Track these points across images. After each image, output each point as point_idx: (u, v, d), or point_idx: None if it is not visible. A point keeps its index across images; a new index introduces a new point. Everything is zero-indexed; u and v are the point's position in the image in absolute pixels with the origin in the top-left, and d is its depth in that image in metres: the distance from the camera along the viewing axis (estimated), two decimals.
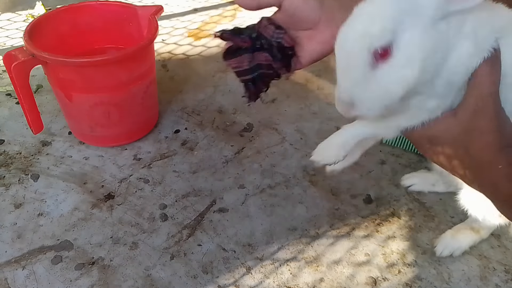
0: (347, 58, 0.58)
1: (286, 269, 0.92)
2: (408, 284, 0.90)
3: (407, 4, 0.56)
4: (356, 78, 0.57)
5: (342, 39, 0.59)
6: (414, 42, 0.56)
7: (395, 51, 0.55)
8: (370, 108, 0.58)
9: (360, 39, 0.56)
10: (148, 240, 0.97)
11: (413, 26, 0.56)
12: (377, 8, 0.57)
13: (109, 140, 1.20)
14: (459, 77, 0.60)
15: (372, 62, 0.55)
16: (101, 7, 1.24)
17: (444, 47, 0.57)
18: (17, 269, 0.91)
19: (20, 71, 0.98)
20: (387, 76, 0.56)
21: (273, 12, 0.66)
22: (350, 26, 0.58)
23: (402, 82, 0.57)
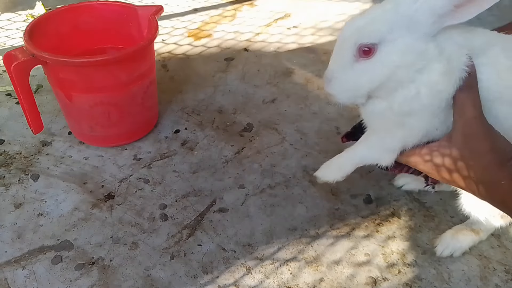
0: (341, 44, 0.66)
1: (286, 269, 0.92)
2: (408, 284, 0.90)
3: (406, 17, 0.61)
4: (339, 63, 0.66)
5: (345, 26, 0.67)
6: (395, 51, 0.62)
7: (377, 52, 0.63)
8: (340, 92, 0.68)
9: (354, 32, 0.64)
10: (148, 240, 0.97)
11: (402, 37, 0.62)
12: (381, 12, 0.63)
13: (109, 140, 1.20)
14: (430, 97, 0.64)
15: (356, 55, 0.64)
16: (101, 7, 1.24)
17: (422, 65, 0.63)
18: (17, 269, 0.91)
19: (20, 71, 0.98)
20: (361, 71, 0.64)
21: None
22: (357, 18, 0.66)
23: (368, 83, 0.65)
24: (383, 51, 0.63)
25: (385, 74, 0.63)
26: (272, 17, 1.90)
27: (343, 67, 0.66)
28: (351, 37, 0.64)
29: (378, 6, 0.65)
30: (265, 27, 1.82)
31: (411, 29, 0.62)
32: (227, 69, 1.55)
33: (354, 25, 0.65)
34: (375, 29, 0.62)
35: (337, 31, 1.79)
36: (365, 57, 0.63)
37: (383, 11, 0.63)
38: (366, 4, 2.00)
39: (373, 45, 0.62)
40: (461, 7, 0.59)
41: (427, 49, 0.62)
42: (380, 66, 0.63)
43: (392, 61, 0.63)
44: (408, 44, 0.62)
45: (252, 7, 1.97)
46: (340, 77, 0.66)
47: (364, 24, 0.63)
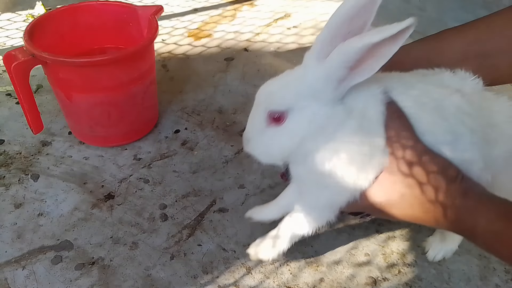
0: (255, 106, 0.67)
1: (286, 269, 0.92)
2: (408, 284, 0.90)
3: (311, 86, 0.62)
4: (254, 126, 0.67)
5: (261, 88, 0.68)
6: (303, 120, 0.63)
7: (287, 121, 0.64)
8: (257, 154, 0.69)
9: (265, 98, 0.65)
10: (148, 240, 0.97)
11: (309, 105, 0.63)
12: (291, 79, 0.64)
13: (109, 140, 1.20)
14: (348, 154, 0.65)
15: (267, 121, 0.65)
16: (101, 7, 1.24)
17: (334, 128, 0.63)
18: (17, 269, 0.91)
19: (20, 71, 0.98)
20: (272, 138, 0.66)
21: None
22: (271, 81, 0.67)
23: (279, 150, 0.66)
24: (292, 119, 0.64)
25: (295, 142, 0.64)
26: (272, 17, 1.90)
27: (257, 130, 0.67)
28: (263, 102, 0.65)
29: (290, 72, 0.66)
30: (265, 27, 1.82)
31: (316, 97, 0.62)
32: (227, 69, 1.55)
33: (267, 89, 0.66)
34: (283, 97, 0.63)
35: None
36: (276, 124, 0.64)
37: (293, 78, 0.64)
38: None
39: (282, 113, 0.63)
40: (358, 67, 0.59)
41: (335, 113, 0.63)
42: (289, 135, 0.64)
43: (301, 129, 0.63)
44: (316, 112, 0.63)
45: (252, 7, 1.98)
46: (255, 140, 0.68)
47: (275, 90, 0.64)
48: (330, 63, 0.59)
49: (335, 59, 0.59)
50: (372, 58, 0.58)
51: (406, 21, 0.54)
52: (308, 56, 0.64)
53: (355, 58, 0.57)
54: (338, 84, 0.61)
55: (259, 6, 1.99)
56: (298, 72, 0.64)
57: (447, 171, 0.63)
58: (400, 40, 0.56)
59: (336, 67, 0.59)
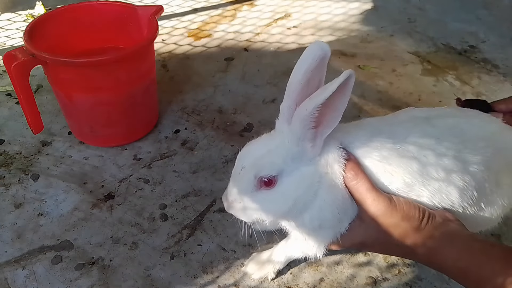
0: (239, 171, 0.68)
1: (286, 269, 0.92)
2: (408, 284, 0.90)
3: (292, 149, 0.65)
4: (240, 189, 0.67)
5: (243, 153, 0.69)
6: (294, 181, 0.66)
7: (278, 185, 0.66)
8: (243, 216, 0.70)
9: (252, 164, 0.66)
10: (148, 240, 0.97)
11: (297, 167, 0.65)
12: (276, 144, 0.66)
13: (109, 140, 1.20)
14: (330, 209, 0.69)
15: (256, 185, 0.66)
16: (101, 7, 1.24)
17: (317, 185, 0.67)
18: (17, 269, 0.91)
19: (20, 71, 0.98)
20: (264, 201, 0.67)
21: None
22: (253, 146, 0.69)
23: (273, 212, 0.68)
24: (283, 182, 0.66)
25: (288, 204, 0.67)
26: (272, 17, 1.90)
27: (245, 193, 0.68)
28: (250, 169, 0.66)
29: (269, 137, 0.69)
30: (265, 27, 1.82)
31: (299, 159, 0.66)
32: (227, 69, 1.55)
33: (252, 155, 0.67)
34: (273, 162, 0.65)
35: (337, 31, 1.79)
36: (267, 188, 0.66)
37: (275, 144, 0.66)
38: (366, 4, 2.00)
39: (273, 177, 0.65)
40: (321, 124, 0.63)
41: (316, 169, 0.66)
42: (282, 197, 0.67)
43: (293, 191, 0.66)
44: (303, 173, 0.66)
45: (252, 7, 1.97)
46: (241, 202, 0.68)
47: (262, 156, 0.66)
48: (295, 128, 0.63)
49: (297, 124, 0.63)
50: (330, 111, 0.61)
51: (344, 73, 0.57)
52: (279, 122, 0.67)
53: (312, 119, 0.61)
54: (312, 143, 0.64)
55: (259, 6, 1.99)
56: (277, 138, 0.67)
57: (411, 217, 0.67)
58: (347, 89, 0.59)
59: (300, 130, 0.63)
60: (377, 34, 1.78)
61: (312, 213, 0.69)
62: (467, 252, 0.63)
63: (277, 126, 0.68)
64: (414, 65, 1.59)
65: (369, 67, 1.57)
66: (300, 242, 0.80)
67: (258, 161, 0.66)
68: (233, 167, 1.12)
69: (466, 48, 1.70)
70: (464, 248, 0.63)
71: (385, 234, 0.69)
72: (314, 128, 0.63)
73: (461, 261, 0.63)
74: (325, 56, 0.62)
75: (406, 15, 1.93)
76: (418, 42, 1.73)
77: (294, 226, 0.73)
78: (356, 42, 1.72)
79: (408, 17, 1.91)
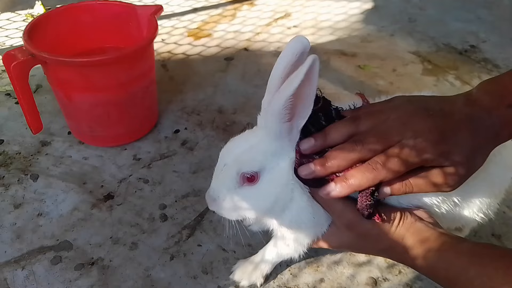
0: (222, 167, 0.68)
1: (286, 269, 0.92)
2: (408, 285, 0.90)
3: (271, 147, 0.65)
4: (223, 186, 0.67)
5: (225, 150, 0.70)
6: (276, 177, 0.65)
7: (260, 181, 0.65)
8: (226, 212, 0.69)
9: (234, 161, 0.66)
10: (148, 240, 0.97)
11: (277, 163, 0.65)
12: (257, 141, 0.66)
13: (108, 140, 1.20)
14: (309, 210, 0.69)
15: (239, 181, 0.66)
16: (101, 7, 1.23)
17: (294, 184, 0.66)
18: (16, 269, 0.90)
19: (20, 71, 0.98)
20: (247, 198, 0.67)
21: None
22: (235, 143, 0.69)
23: (256, 208, 0.68)
24: (265, 178, 0.66)
25: (270, 201, 0.67)
26: (272, 16, 1.90)
27: (227, 190, 0.67)
28: (233, 163, 0.66)
29: (251, 134, 0.68)
30: (265, 26, 1.81)
31: (279, 155, 0.65)
32: (227, 69, 1.55)
33: (233, 151, 0.68)
34: (255, 158, 0.65)
35: (337, 31, 1.79)
36: (249, 184, 0.66)
37: (257, 140, 0.66)
38: (367, 3, 2.00)
39: (255, 173, 0.65)
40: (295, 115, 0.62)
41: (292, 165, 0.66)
42: (264, 194, 0.66)
43: (273, 187, 0.66)
44: (281, 168, 0.66)
45: (252, 7, 1.97)
46: (227, 199, 0.68)
47: (243, 152, 0.66)
48: (271, 123, 0.63)
49: (273, 119, 0.62)
50: (300, 101, 0.60)
51: (308, 60, 0.57)
52: (260, 119, 0.67)
53: (285, 112, 0.60)
54: (289, 136, 0.64)
55: (259, 5, 1.98)
56: (258, 134, 0.67)
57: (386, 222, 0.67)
58: (313, 76, 0.58)
59: (276, 125, 0.62)
60: (377, 34, 1.78)
61: (292, 214, 0.69)
62: (436, 249, 0.63)
63: (259, 122, 0.68)
64: (414, 65, 1.59)
65: (369, 66, 1.57)
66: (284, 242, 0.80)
67: (240, 157, 0.66)
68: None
69: (467, 48, 1.70)
70: (434, 245, 0.64)
71: (358, 240, 0.70)
72: (289, 121, 0.62)
73: (431, 259, 0.63)
74: (305, 50, 0.62)
75: (406, 15, 1.92)
76: (418, 42, 1.73)
77: (276, 224, 0.73)
78: (357, 42, 1.72)
79: (408, 17, 1.91)
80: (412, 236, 0.66)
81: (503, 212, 1.05)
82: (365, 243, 0.70)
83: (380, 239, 0.68)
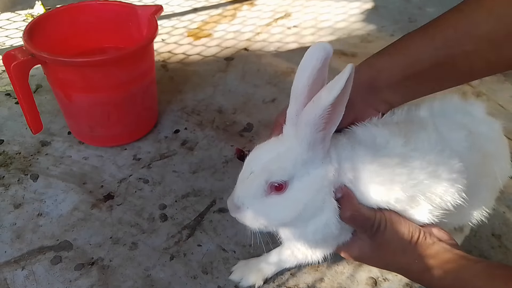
0: (249, 175, 0.66)
1: (286, 269, 0.92)
2: (408, 285, 0.90)
3: (301, 156, 0.64)
4: (249, 193, 0.66)
5: (251, 157, 0.68)
6: (305, 186, 0.65)
7: (289, 190, 0.65)
8: (251, 221, 0.68)
9: (262, 169, 0.65)
10: (148, 240, 0.97)
11: (308, 172, 0.64)
12: (285, 150, 0.65)
13: (108, 140, 1.20)
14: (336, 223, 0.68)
15: (266, 190, 0.65)
16: (101, 7, 1.23)
17: (326, 191, 0.65)
18: (16, 269, 0.90)
19: (20, 71, 0.98)
20: (274, 207, 0.66)
21: None
22: (261, 151, 0.67)
23: (282, 217, 0.67)
24: (294, 187, 0.65)
25: (298, 209, 0.66)
26: (272, 16, 1.90)
27: (253, 198, 0.66)
28: (261, 173, 0.65)
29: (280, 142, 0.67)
30: (265, 26, 1.81)
31: (310, 163, 0.64)
32: (227, 69, 1.55)
33: (261, 159, 0.66)
34: (284, 167, 0.64)
35: (337, 31, 1.79)
36: (277, 193, 0.65)
37: (285, 149, 0.65)
38: (367, 3, 2.00)
39: (284, 182, 0.64)
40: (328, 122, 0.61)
41: (326, 172, 0.65)
42: (293, 202, 0.65)
43: (303, 195, 0.65)
44: (312, 176, 0.65)
45: (252, 7, 1.97)
46: (250, 207, 0.67)
47: (272, 161, 0.65)
48: (305, 134, 0.62)
49: (307, 129, 0.61)
50: (336, 109, 0.60)
51: (347, 69, 0.55)
52: (286, 128, 0.66)
53: (321, 122, 0.59)
54: (321, 144, 0.63)
55: (259, 5, 1.98)
56: (286, 142, 0.66)
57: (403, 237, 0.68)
58: (349, 83, 0.57)
59: (311, 135, 0.61)
60: (377, 34, 1.78)
61: (317, 225, 0.67)
62: (454, 272, 0.65)
63: (285, 131, 0.67)
64: None
65: None
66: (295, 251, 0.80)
67: (268, 166, 0.65)
68: (233, 167, 1.13)
69: None
70: (452, 268, 0.65)
71: (378, 251, 0.70)
72: (323, 130, 0.61)
73: (447, 281, 0.65)
74: (328, 56, 0.61)
75: (406, 15, 1.92)
76: None
77: (296, 235, 0.72)
78: (357, 42, 1.72)
79: (408, 17, 1.91)
80: (431, 257, 0.67)
81: (503, 212, 1.05)
82: (384, 255, 0.70)
83: (398, 252, 0.68)
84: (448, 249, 0.68)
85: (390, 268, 0.74)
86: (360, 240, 0.72)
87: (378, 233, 0.68)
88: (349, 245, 0.73)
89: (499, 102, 1.41)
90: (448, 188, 0.67)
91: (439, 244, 0.68)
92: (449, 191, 0.68)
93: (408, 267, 0.69)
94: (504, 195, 1.08)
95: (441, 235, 0.71)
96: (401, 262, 0.69)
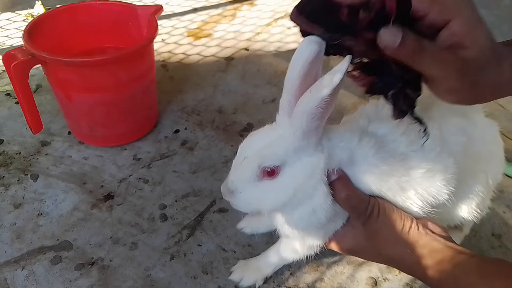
0: (242, 160, 0.68)
1: (286, 269, 0.92)
2: (408, 285, 0.90)
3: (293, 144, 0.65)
4: (242, 178, 0.68)
5: (245, 144, 0.70)
6: (296, 172, 0.66)
7: (280, 175, 0.66)
8: (243, 205, 0.70)
9: (255, 154, 0.66)
10: (148, 240, 0.97)
11: (300, 158, 0.65)
12: (278, 136, 0.66)
13: (108, 140, 1.20)
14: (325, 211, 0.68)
15: (259, 175, 0.66)
16: (101, 6, 1.23)
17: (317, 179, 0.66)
18: (16, 269, 0.90)
19: (20, 71, 0.98)
20: (266, 190, 0.67)
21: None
22: (255, 137, 0.69)
23: (274, 202, 0.68)
24: (286, 173, 0.66)
25: (289, 194, 0.67)
26: (273, 16, 1.90)
27: (246, 182, 0.68)
28: (254, 158, 0.66)
29: (273, 129, 0.68)
30: (266, 26, 1.81)
31: (302, 151, 0.65)
32: (227, 69, 1.55)
33: (254, 145, 0.68)
34: (276, 153, 0.65)
35: None
36: (269, 178, 0.66)
37: (277, 136, 0.66)
38: None
39: (276, 167, 0.66)
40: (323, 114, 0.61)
41: (319, 160, 0.66)
42: (284, 187, 0.67)
43: (294, 181, 0.66)
44: (305, 162, 0.66)
45: (252, 7, 1.97)
46: (243, 191, 0.69)
47: (265, 147, 0.66)
48: (300, 122, 0.62)
49: (303, 118, 0.62)
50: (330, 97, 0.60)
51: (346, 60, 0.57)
52: (279, 117, 0.67)
53: (318, 111, 0.60)
54: (315, 132, 0.64)
55: (259, 5, 1.98)
56: (278, 130, 0.67)
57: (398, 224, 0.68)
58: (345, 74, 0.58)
59: (306, 124, 0.62)
60: None
61: (303, 211, 0.68)
62: (446, 264, 0.64)
63: (278, 120, 0.68)
64: None
65: None
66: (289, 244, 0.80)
67: (261, 151, 0.66)
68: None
69: None
70: (444, 260, 0.65)
71: (371, 241, 0.70)
72: (319, 119, 0.62)
73: (440, 273, 0.64)
74: (321, 50, 0.62)
75: None
76: None
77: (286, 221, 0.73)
78: None
79: None
80: (423, 247, 0.67)
81: (503, 212, 1.05)
82: (377, 243, 0.70)
83: (390, 241, 0.69)
84: (441, 241, 0.68)
85: (383, 259, 0.74)
86: (353, 229, 0.72)
87: (371, 219, 0.68)
88: (341, 235, 0.74)
89: (499, 102, 1.41)
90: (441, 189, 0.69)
91: (432, 235, 0.68)
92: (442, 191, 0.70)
93: (400, 258, 0.69)
94: (504, 195, 1.08)
95: (433, 227, 0.71)
96: (393, 253, 0.69)
